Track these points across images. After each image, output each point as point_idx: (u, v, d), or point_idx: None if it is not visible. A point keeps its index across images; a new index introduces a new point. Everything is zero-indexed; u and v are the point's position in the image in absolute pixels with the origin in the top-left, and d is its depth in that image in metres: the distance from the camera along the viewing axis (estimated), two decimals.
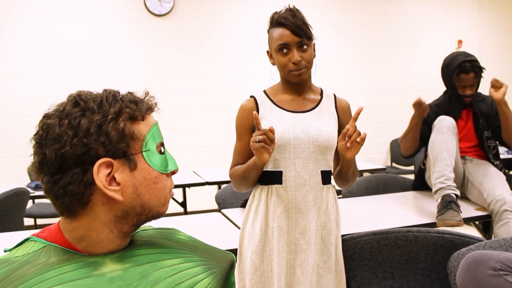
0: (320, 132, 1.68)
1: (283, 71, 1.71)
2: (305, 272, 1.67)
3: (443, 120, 2.57)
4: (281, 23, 1.65)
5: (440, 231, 1.73)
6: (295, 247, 1.68)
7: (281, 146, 1.66)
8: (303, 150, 1.67)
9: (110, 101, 0.85)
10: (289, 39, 1.64)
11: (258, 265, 1.69)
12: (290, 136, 1.66)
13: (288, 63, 1.66)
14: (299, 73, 1.67)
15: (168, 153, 0.95)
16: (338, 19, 5.89)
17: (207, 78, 5.32)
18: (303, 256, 1.67)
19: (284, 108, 1.73)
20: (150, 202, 0.89)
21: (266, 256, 1.69)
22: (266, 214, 1.70)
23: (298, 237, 1.68)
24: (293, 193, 1.67)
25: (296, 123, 1.69)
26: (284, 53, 1.66)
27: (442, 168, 2.45)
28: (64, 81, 4.81)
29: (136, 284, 0.84)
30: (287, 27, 1.64)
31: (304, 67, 1.67)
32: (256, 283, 1.69)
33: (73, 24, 4.84)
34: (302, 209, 1.68)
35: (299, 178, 1.67)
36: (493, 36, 6.76)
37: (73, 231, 0.86)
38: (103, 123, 0.82)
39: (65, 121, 0.82)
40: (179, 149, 5.16)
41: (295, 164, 1.67)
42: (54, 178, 0.82)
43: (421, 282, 1.78)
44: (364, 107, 1.66)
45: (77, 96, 0.86)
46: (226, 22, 5.38)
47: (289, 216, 1.68)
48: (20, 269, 0.79)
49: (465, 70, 2.63)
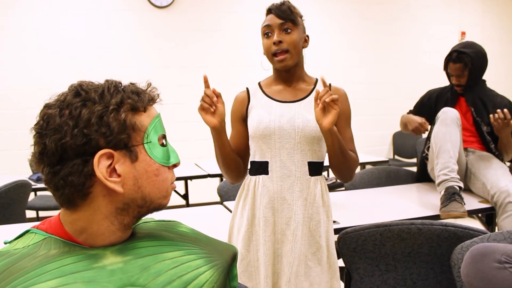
0: (307, 123, 1.66)
1: (268, 55, 1.72)
2: (290, 263, 1.65)
3: (447, 111, 2.55)
4: (269, 9, 1.73)
5: (444, 223, 1.72)
6: (282, 237, 1.68)
7: (267, 136, 1.67)
8: (288, 140, 1.67)
9: (112, 92, 0.84)
10: (272, 22, 1.69)
11: (244, 254, 1.70)
12: (275, 126, 1.66)
13: (271, 45, 1.68)
14: (282, 57, 1.67)
15: (170, 146, 0.94)
16: (340, 11, 5.85)
17: (209, 70, 5.30)
18: (289, 247, 1.66)
19: (273, 98, 1.74)
20: (151, 194, 0.88)
21: (253, 245, 1.70)
22: (253, 204, 1.71)
23: (284, 228, 1.67)
24: (279, 183, 1.67)
25: (283, 113, 1.68)
26: (268, 36, 1.71)
27: (445, 159, 2.44)
28: (66, 73, 4.80)
29: (137, 276, 0.83)
30: (271, 12, 1.71)
31: (285, 50, 1.67)
32: (243, 272, 1.70)
33: (75, 15, 4.82)
34: (287, 200, 1.67)
35: (284, 168, 1.67)
36: (496, 27, 6.71)
37: (74, 223, 0.85)
38: (104, 114, 0.81)
39: (66, 111, 0.81)
40: (181, 141, 5.15)
41: (280, 154, 1.67)
42: (54, 169, 0.81)
43: (424, 275, 1.77)
44: (367, 99, 1.66)
45: (78, 86, 0.85)
46: (229, 13, 5.35)
47: (275, 207, 1.68)
48: (20, 261, 0.78)
49: (452, 60, 2.70)
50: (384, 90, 6.16)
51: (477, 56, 2.66)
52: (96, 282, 0.78)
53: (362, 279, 1.79)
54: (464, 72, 2.69)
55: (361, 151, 5.68)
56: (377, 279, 1.79)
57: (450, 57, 2.72)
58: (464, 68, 2.67)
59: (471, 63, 2.65)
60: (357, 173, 3.06)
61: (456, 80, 2.75)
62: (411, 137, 6.03)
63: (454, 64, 2.70)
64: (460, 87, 2.75)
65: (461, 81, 2.73)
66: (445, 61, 2.78)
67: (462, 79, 2.72)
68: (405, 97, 6.17)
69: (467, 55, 2.64)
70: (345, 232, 1.76)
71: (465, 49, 2.66)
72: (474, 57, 2.64)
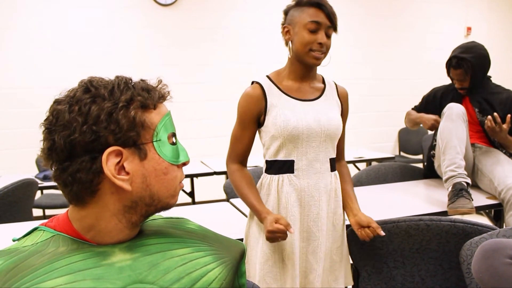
0: (331, 121, 1.69)
1: (303, 48, 1.65)
2: (318, 259, 1.69)
3: (453, 107, 2.53)
4: (317, 3, 1.64)
5: (452, 219, 1.71)
6: (308, 235, 1.70)
7: (295, 136, 1.65)
8: (315, 139, 1.68)
9: (122, 88, 0.83)
10: (323, 20, 1.63)
11: (269, 254, 1.68)
12: (303, 126, 1.65)
13: (314, 42, 1.63)
14: (319, 56, 1.65)
15: (179, 144, 0.93)
16: (345, 8, 5.83)
17: (215, 68, 5.30)
18: (316, 244, 1.69)
19: (292, 96, 1.71)
20: (160, 193, 0.87)
21: (278, 245, 1.69)
22: (278, 204, 1.70)
23: (311, 225, 1.69)
24: (306, 181, 1.68)
25: (307, 112, 1.68)
26: (312, 31, 1.63)
27: (452, 155, 2.42)
28: (71, 71, 4.81)
29: (146, 273, 0.83)
30: (323, 9, 1.64)
31: (325, 52, 1.67)
32: (267, 273, 1.68)
33: (79, 14, 4.83)
34: (314, 196, 1.69)
35: (310, 166, 1.68)
36: (502, 23, 6.67)
37: (82, 220, 0.85)
38: (113, 111, 0.80)
39: (75, 107, 0.80)
40: (187, 139, 5.15)
41: (307, 153, 1.68)
42: (63, 165, 0.80)
43: (432, 271, 1.76)
44: (372, 96, 1.69)
45: (88, 82, 0.84)
46: (234, 11, 5.34)
47: (302, 205, 1.69)
48: (29, 258, 0.78)
49: (453, 66, 2.68)
50: (389, 87, 6.14)
51: (477, 59, 2.61)
52: (105, 279, 0.78)
53: (370, 276, 1.79)
54: (465, 77, 2.67)
55: (367, 148, 5.69)
56: (385, 276, 1.78)
57: (451, 63, 2.69)
58: (465, 74, 2.65)
59: (472, 69, 2.61)
60: (363, 170, 3.06)
61: (459, 84, 2.73)
62: (416, 133, 6.01)
63: (454, 70, 2.68)
64: (463, 89, 2.73)
65: (463, 85, 2.71)
66: (446, 65, 2.75)
67: (465, 83, 2.70)
68: (410, 93, 6.15)
69: (466, 61, 2.60)
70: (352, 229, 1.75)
71: (464, 54, 2.61)
72: (474, 62, 2.60)
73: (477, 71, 2.63)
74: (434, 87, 2.96)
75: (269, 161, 1.73)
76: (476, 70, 2.62)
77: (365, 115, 6.03)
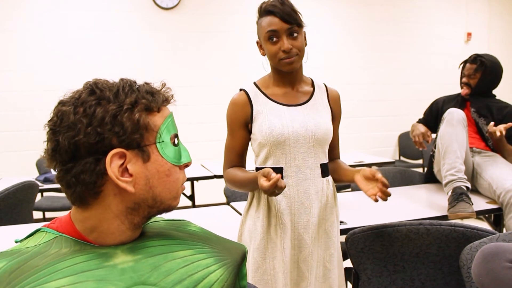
0: (319, 126, 1.65)
1: (273, 60, 1.63)
2: (310, 267, 1.65)
3: (453, 112, 2.55)
4: (269, 11, 1.59)
5: (452, 224, 1.71)
6: (299, 243, 1.66)
7: (281, 142, 1.62)
8: (303, 144, 1.64)
9: (127, 91, 0.84)
10: (278, 27, 1.57)
11: (260, 262, 1.66)
12: (289, 132, 1.62)
13: (278, 52, 1.59)
14: (290, 61, 1.59)
15: (182, 145, 0.94)
16: (345, 12, 5.85)
17: (216, 72, 5.31)
18: (307, 251, 1.65)
19: (279, 102, 1.68)
20: (162, 194, 0.88)
21: (268, 253, 1.66)
22: (267, 212, 1.66)
23: (302, 232, 1.65)
24: (295, 188, 1.64)
25: (294, 117, 1.64)
26: (273, 41, 1.60)
27: (452, 160, 2.43)
28: (72, 75, 4.81)
29: (148, 275, 0.83)
30: (275, 15, 1.57)
31: (295, 55, 1.60)
32: (258, 281, 1.66)
33: (80, 17, 4.84)
34: (304, 204, 1.65)
35: (300, 173, 1.64)
36: (503, 28, 6.68)
37: (84, 221, 0.85)
38: (118, 113, 0.81)
39: (80, 108, 0.81)
40: (187, 142, 5.15)
41: (295, 159, 1.64)
42: (66, 167, 0.81)
43: (432, 275, 1.76)
44: (372, 100, 1.67)
45: (93, 84, 0.85)
46: (235, 14, 5.35)
47: (292, 212, 1.64)
48: (31, 259, 0.79)
49: (470, 60, 2.84)
50: (390, 91, 6.15)
51: (493, 66, 2.77)
52: (107, 280, 0.79)
53: (370, 280, 1.79)
54: (476, 74, 2.79)
55: (367, 152, 5.69)
56: (385, 280, 1.78)
57: (468, 59, 2.86)
58: (477, 70, 2.77)
59: (484, 69, 2.75)
60: None
61: (466, 79, 2.84)
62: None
63: (470, 64, 2.83)
64: (468, 86, 2.79)
65: (470, 81, 2.81)
66: (462, 62, 2.91)
67: (473, 80, 2.80)
68: (410, 98, 6.16)
69: (483, 60, 2.76)
70: (353, 232, 1.75)
71: (485, 56, 2.79)
72: (489, 65, 2.76)
73: (487, 74, 2.76)
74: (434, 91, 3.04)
75: (258, 168, 1.71)
76: (487, 72, 2.76)
77: (365, 119, 6.03)
